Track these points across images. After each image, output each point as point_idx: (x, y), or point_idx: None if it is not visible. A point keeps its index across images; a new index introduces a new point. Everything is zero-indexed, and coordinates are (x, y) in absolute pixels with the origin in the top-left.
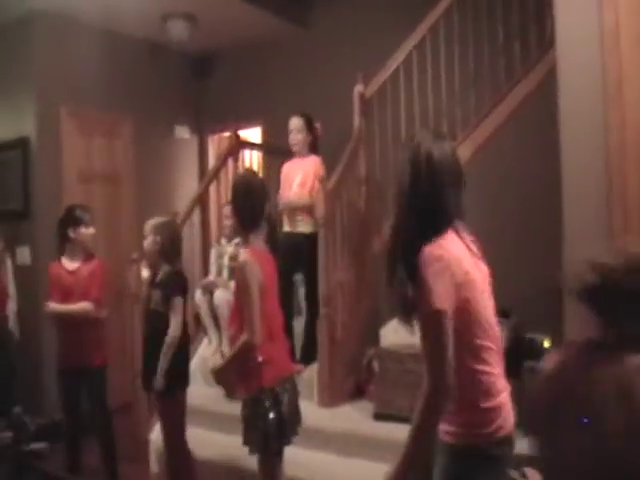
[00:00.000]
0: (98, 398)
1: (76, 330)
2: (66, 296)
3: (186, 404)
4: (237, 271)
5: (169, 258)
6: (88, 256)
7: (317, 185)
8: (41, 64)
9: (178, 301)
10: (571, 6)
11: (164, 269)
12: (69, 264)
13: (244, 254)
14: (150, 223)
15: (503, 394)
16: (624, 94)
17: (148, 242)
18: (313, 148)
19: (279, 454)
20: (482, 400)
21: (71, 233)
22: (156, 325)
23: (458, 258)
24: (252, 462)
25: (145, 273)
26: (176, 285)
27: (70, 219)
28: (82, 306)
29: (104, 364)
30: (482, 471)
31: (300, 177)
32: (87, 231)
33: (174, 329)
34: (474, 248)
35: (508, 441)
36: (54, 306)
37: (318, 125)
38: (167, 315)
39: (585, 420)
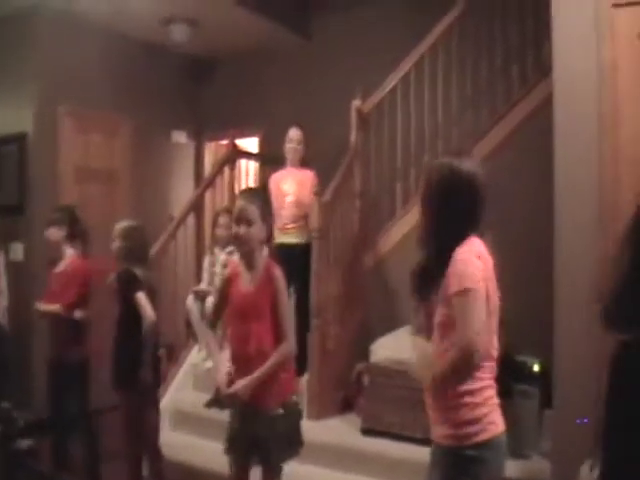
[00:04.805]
0: (76, 394)
1: (55, 327)
2: (49, 296)
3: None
4: (276, 281)
5: (134, 263)
6: (72, 257)
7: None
8: (42, 60)
9: (140, 295)
10: (570, 39)
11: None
12: (61, 264)
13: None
14: (118, 227)
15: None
16: (620, 128)
17: (115, 246)
18: (305, 161)
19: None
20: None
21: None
22: (118, 324)
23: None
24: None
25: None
26: (131, 284)
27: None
28: (52, 308)
29: (81, 361)
30: None
31: (295, 191)
32: (46, 232)
33: (147, 316)
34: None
35: None
36: (37, 305)
37: None
38: (122, 313)
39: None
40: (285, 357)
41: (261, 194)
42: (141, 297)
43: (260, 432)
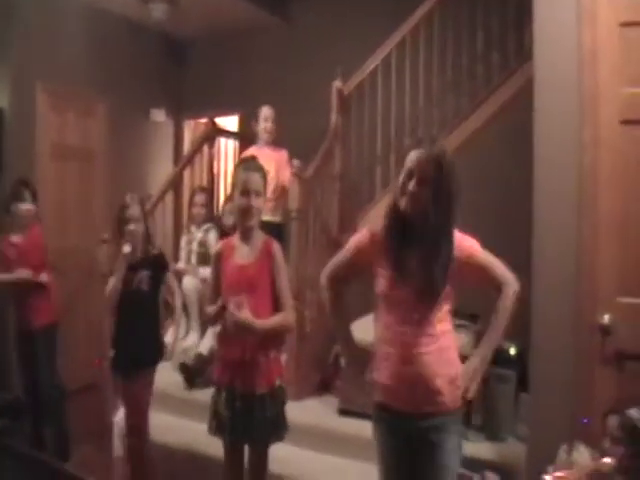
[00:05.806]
0: (42, 363)
1: (20, 296)
2: (9, 267)
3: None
4: (276, 254)
5: (151, 239)
6: (30, 227)
7: (284, 182)
8: (19, 36)
9: (170, 277)
10: (550, 22)
11: (149, 250)
12: (14, 237)
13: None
14: (136, 203)
15: None
16: (600, 113)
17: (143, 227)
18: (276, 141)
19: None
20: None
21: (12, 207)
22: (138, 305)
23: None
24: (216, 449)
25: (127, 249)
26: (167, 265)
27: (11, 194)
28: (20, 274)
29: (47, 326)
30: None
31: (272, 171)
32: (23, 207)
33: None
34: None
35: None
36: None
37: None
38: (150, 294)
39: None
40: (286, 325)
41: (259, 164)
42: (172, 280)
43: (249, 414)
